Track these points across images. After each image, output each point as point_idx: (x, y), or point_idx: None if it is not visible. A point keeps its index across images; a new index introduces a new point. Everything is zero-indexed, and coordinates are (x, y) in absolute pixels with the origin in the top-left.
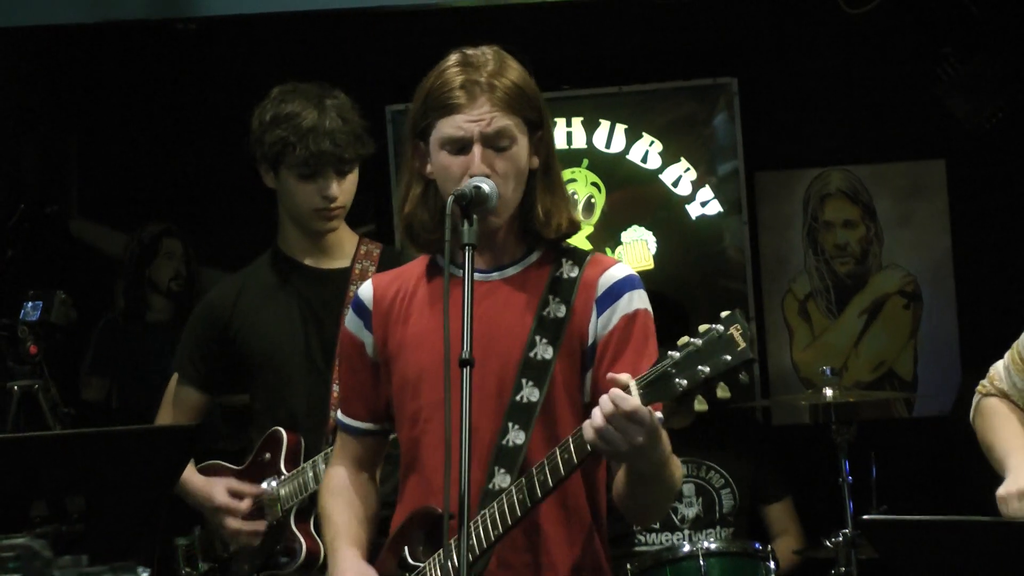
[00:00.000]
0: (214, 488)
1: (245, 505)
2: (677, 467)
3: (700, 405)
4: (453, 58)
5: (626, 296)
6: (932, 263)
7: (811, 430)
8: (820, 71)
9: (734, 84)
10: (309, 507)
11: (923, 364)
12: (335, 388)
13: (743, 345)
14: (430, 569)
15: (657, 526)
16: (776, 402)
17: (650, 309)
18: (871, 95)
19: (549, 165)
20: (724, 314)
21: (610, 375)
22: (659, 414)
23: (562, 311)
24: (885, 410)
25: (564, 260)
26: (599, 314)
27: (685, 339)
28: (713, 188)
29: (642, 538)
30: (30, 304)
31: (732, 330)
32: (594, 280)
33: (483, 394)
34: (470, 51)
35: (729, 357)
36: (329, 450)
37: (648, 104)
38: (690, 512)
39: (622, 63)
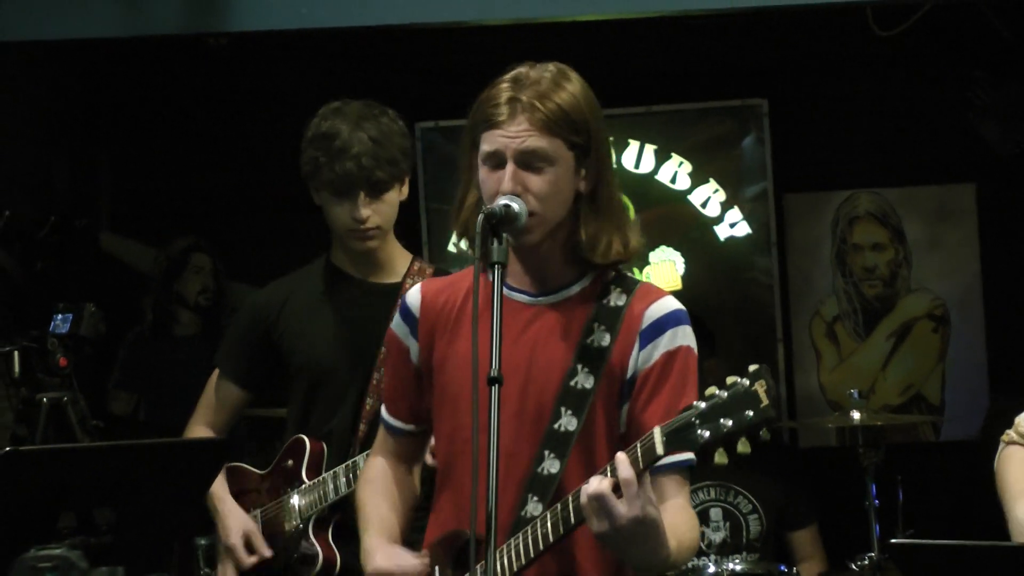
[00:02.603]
0: (235, 525)
1: (250, 561)
2: (685, 551)
3: (721, 458)
4: (509, 74)
5: (670, 332)
6: (961, 287)
7: (838, 453)
8: (850, 93)
9: (764, 105)
10: (328, 516)
11: (951, 388)
12: (368, 401)
13: (766, 402)
14: None
15: None
16: (803, 424)
17: (694, 346)
18: (901, 118)
19: (598, 190)
20: (751, 368)
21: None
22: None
23: (606, 340)
24: (912, 434)
25: (612, 288)
26: (641, 347)
27: (712, 390)
28: (742, 209)
29: None
30: (60, 316)
31: (757, 386)
32: (640, 312)
33: (522, 419)
34: (526, 68)
35: (751, 413)
36: (350, 462)
37: (678, 125)
38: (717, 537)
39: (652, 83)
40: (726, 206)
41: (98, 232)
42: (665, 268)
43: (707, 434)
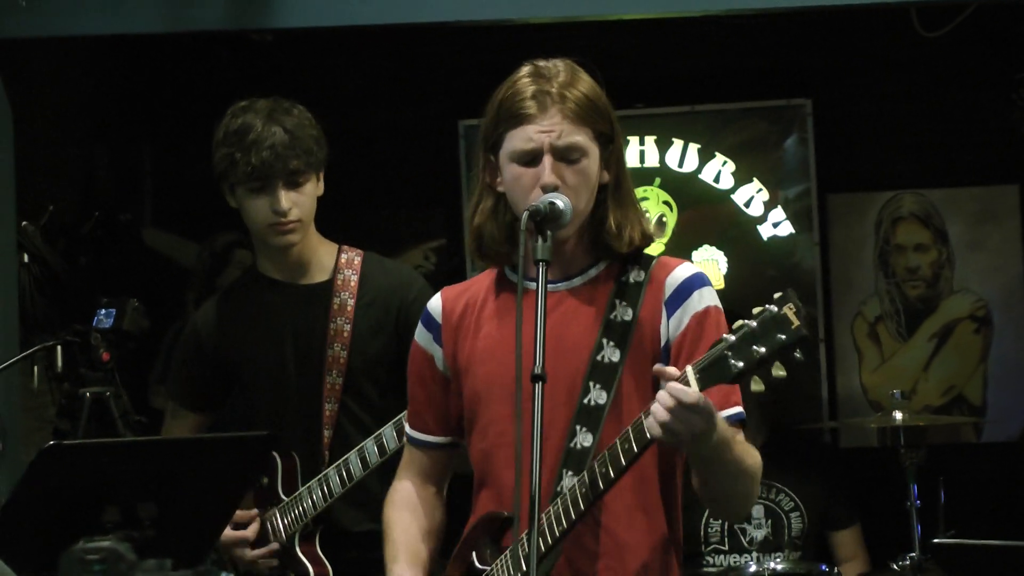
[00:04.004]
0: None
1: (251, 532)
2: (747, 453)
3: (756, 385)
4: (525, 70)
5: (695, 294)
6: (1004, 288)
7: (879, 453)
8: (894, 94)
9: (808, 106)
10: (313, 529)
11: (993, 390)
12: (327, 406)
13: (797, 323)
14: (498, 570)
15: (726, 547)
16: (844, 424)
17: (720, 305)
18: (945, 119)
19: (620, 179)
20: (777, 295)
21: (658, 367)
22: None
23: (629, 314)
24: (953, 435)
25: (630, 266)
26: (670, 315)
27: (740, 322)
28: (785, 209)
29: (710, 559)
30: (103, 311)
31: (786, 309)
32: (661, 282)
33: (552, 403)
34: (541, 63)
35: (783, 336)
36: (323, 475)
37: (722, 124)
38: (759, 534)
39: (696, 82)
40: (769, 206)
41: (141, 227)
42: (708, 267)
43: (740, 363)
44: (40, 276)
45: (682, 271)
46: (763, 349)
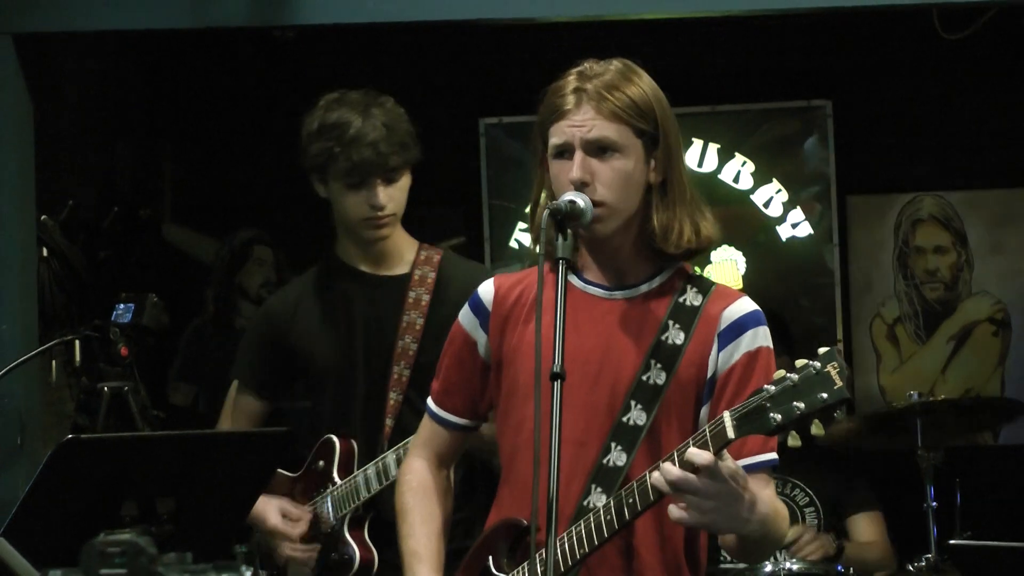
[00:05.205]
0: (268, 509)
1: (298, 531)
2: (779, 514)
3: (793, 440)
4: (575, 69)
5: (750, 333)
6: (1022, 291)
7: (896, 454)
8: (915, 96)
9: (828, 107)
10: (363, 515)
11: (1010, 392)
12: (391, 396)
13: (840, 384)
14: None
15: None
16: None
17: (772, 347)
18: (965, 121)
19: (669, 181)
20: (822, 351)
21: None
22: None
23: (680, 338)
24: (971, 437)
25: (689, 287)
26: (720, 348)
27: (781, 373)
28: (804, 210)
29: (725, 555)
30: (122, 306)
31: (829, 368)
32: (718, 313)
33: (593, 410)
34: (592, 62)
35: (826, 395)
36: (380, 462)
37: (741, 124)
38: None
39: (717, 83)
40: (788, 206)
41: (161, 223)
42: (726, 267)
43: (779, 417)
44: (59, 271)
45: (741, 306)
46: (803, 406)
